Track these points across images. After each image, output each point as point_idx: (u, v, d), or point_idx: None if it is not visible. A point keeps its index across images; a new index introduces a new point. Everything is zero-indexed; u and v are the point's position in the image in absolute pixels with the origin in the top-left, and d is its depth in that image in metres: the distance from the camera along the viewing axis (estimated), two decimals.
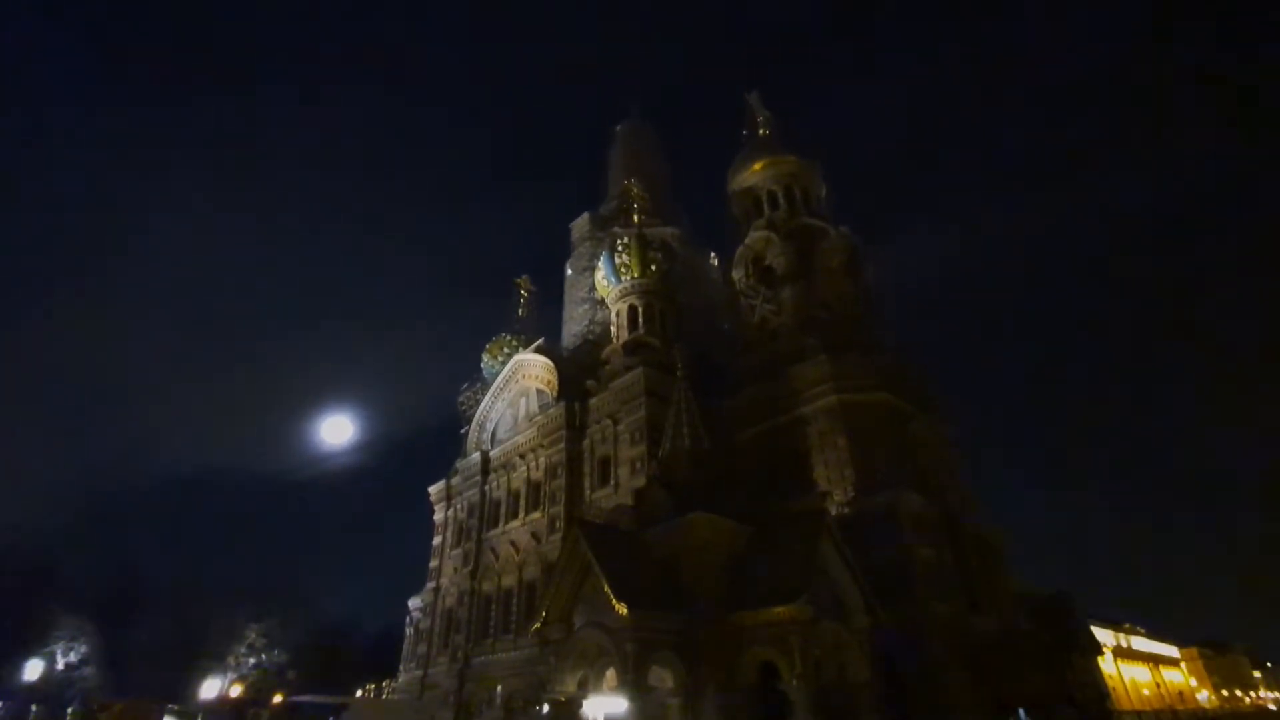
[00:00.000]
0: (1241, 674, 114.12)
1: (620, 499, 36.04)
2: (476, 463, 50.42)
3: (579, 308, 60.45)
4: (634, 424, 38.82)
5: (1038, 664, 27.32)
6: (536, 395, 48.96)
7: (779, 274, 42.65)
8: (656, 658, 23.44)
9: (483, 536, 46.94)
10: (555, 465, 42.66)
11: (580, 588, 26.04)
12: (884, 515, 29.64)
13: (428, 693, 43.73)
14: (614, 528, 29.98)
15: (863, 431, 33.12)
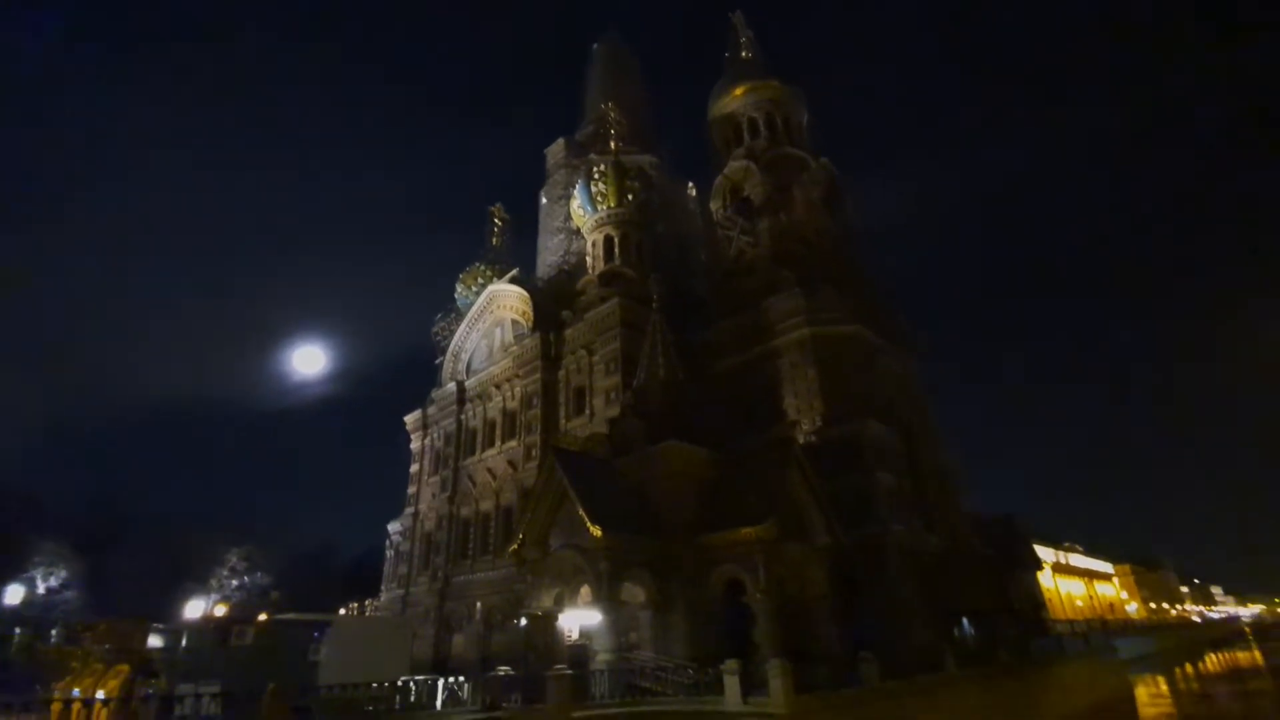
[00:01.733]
0: (1169, 589, 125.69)
1: (595, 428, 36.65)
2: (452, 393, 50.54)
3: (554, 237, 59.30)
4: (609, 355, 39.02)
5: (982, 578, 29.35)
6: (512, 326, 48.70)
7: (757, 205, 42.11)
8: (629, 575, 24.56)
9: (460, 464, 47.67)
10: (531, 395, 42.98)
11: (556, 512, 26.85)
12: (849, 444, 30.71)
13: (409, 610, 45.43)
14: (589, 455, 30.62)
15: (833, 363, 33.77)
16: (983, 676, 24.81)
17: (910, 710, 20.47)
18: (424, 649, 39.71)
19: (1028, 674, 27.79)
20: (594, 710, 17.79)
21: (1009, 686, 25.92)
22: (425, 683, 19.58)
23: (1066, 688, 29.98)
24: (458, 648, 40.23)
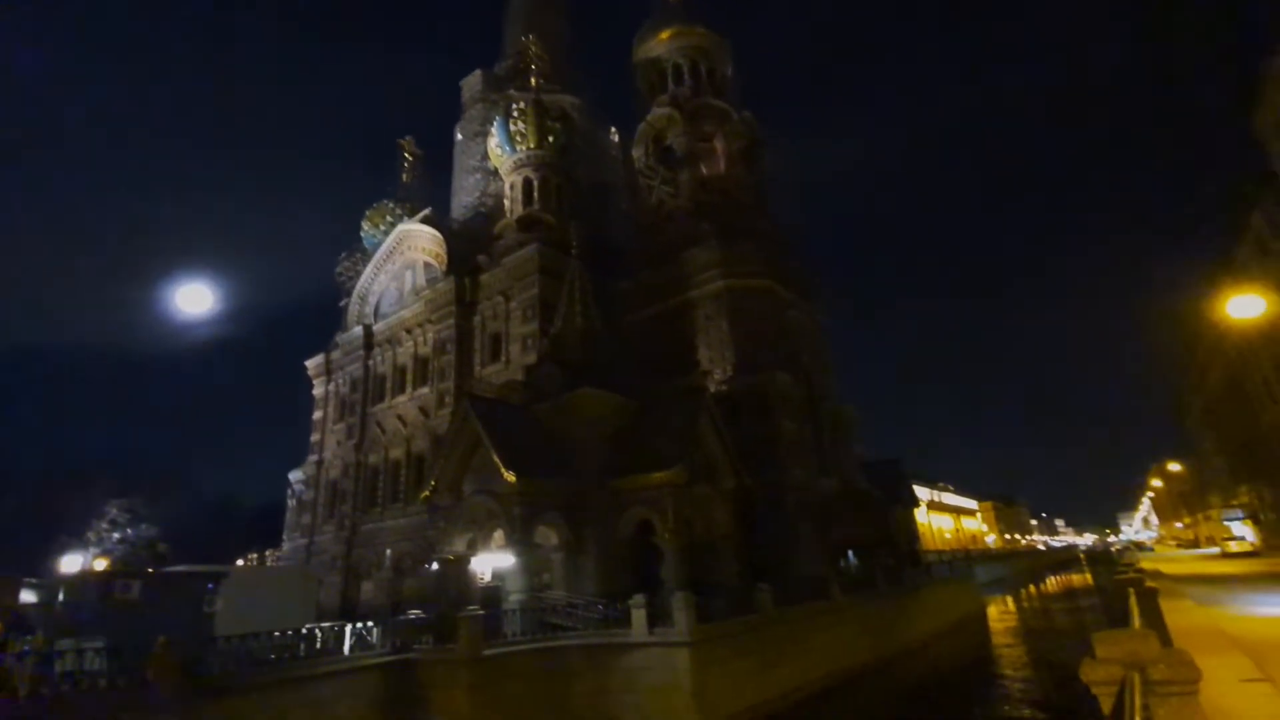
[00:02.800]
0: (1021, 522, 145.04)
1: (511, 375, 36.40)
2: (359, 337, 48.38)
3: (470, 177, 56.73)
4: (527, 301, 38.49)
5: (867, 515, 32.28)
6: (424, 268, 46.77)
7: (679, 155, 41.99)
8: (543, 519, 25.12)
9: (368, 411, 46.17)
10: (444, 341, 41.88)
11: (470, 458, 26.81)
12: (758, 393, 32.26)
13: (314, 559, 44.39)
14: (504, 402, 30.53)
15: (745, 316, 34.98)
16: (863, 602, 27.59)
17: (798, 632, 22.55)
18: (331, 597, 39.14)
19: (901, 598, 31.14)
20: (505, 647, 18.40)
21: (884, 609, 29.00)
22: (332, 629, 19.49)
23: (932, 609, 33.90)
24: (367, 594, 39.93)
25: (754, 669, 19.80)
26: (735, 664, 19.12)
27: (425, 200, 53.77)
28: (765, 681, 19.92)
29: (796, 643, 22.26)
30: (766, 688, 19.80)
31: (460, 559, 26.17)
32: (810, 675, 21.85)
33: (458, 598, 23.81)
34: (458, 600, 23.18)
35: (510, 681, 17.46)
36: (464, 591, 24.98)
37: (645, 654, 18.24)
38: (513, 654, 18.18)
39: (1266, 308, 23.29)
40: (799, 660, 21.90)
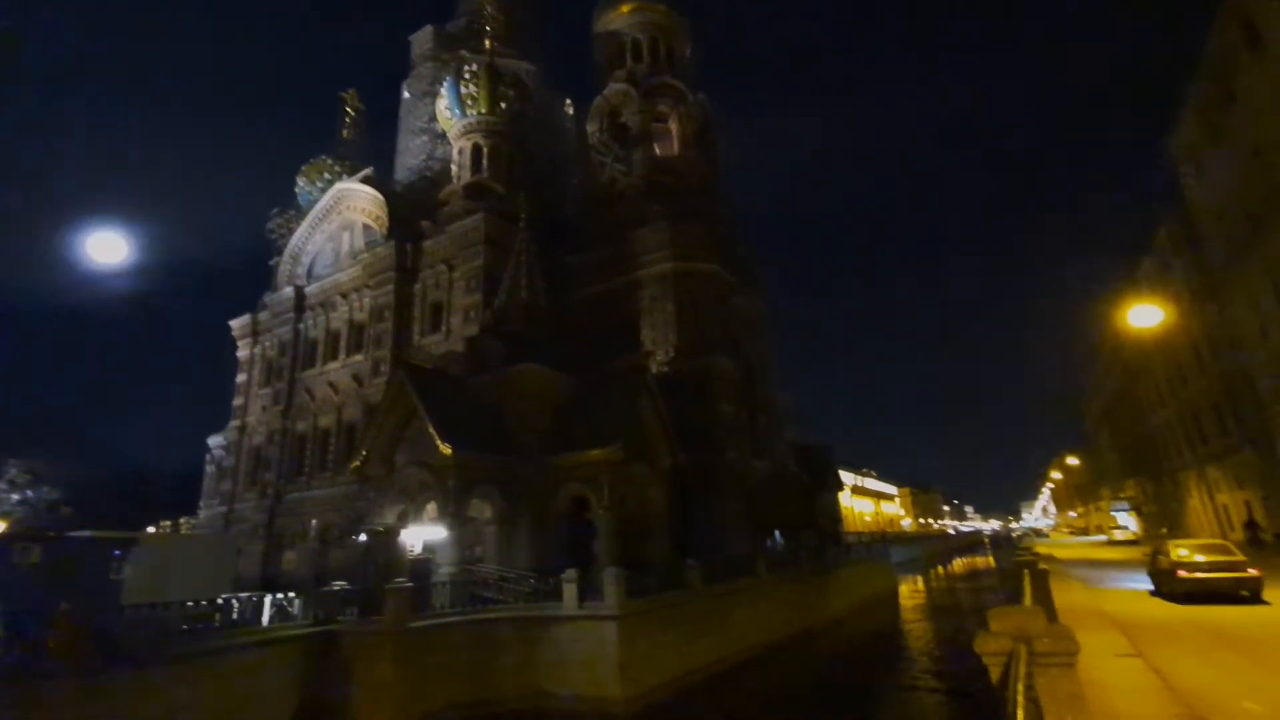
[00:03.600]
0: (935, 507, 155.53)
1: (451, 346, 35.65)
2: (290, 298, 46.12)
3: (416, 138, 54.50)
4: (471, 271, 37.60)
5: (795, 498, 33.64)
6: (363, 231, 44.89)
7: (633, 133, 41.69)
8: (477, 492, 24.93)
9: (297, 376, 44.28)
10: (382, 308, 40.49)
11: (404, 429, 26.23)
12: (698, 376, 32.81)
13: (233, 528, 42.59)
14: (443, 373, 29.92)
15: (690, 299, 35.37)
16: (787, 580, 28.82)
17: (724, 607, 23.41)
18: (251, 567, 37.71)
19: (822, 577, 32.69)
20: (433, 619, 18.30)
21: (805, 587, 30.40)
22: (250, 599, 18.86)
23: (850, 587, 35.77)
24: (289, 565, 38.68)
25: (680, 642, 20.44)
26: (662, 637, 19.68)
27: (367, 159, 51.43)
28: (690, 654, 20.61)
29: (722, 617, 23.10)
30: (691, 660, 20.49)
31: (390, 530, 25.69)
32: (733, 648, 22.74)
33: (386, 570, 23.39)
34: (386, 572, 22.77)
35: (437, 654, 17.41)
36: (393, 564, 24.56)
37: (575, 627, 18.54)
38: (441, 626, 18.09)
39: (1163, 318, 25.35)
40: (723, 634, 22.73)
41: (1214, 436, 36.41)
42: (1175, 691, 6.94)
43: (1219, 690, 7.27)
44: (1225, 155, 27.07)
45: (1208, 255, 31.79)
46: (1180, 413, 41.43)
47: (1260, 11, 21.94)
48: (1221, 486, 37.36)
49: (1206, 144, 29.05)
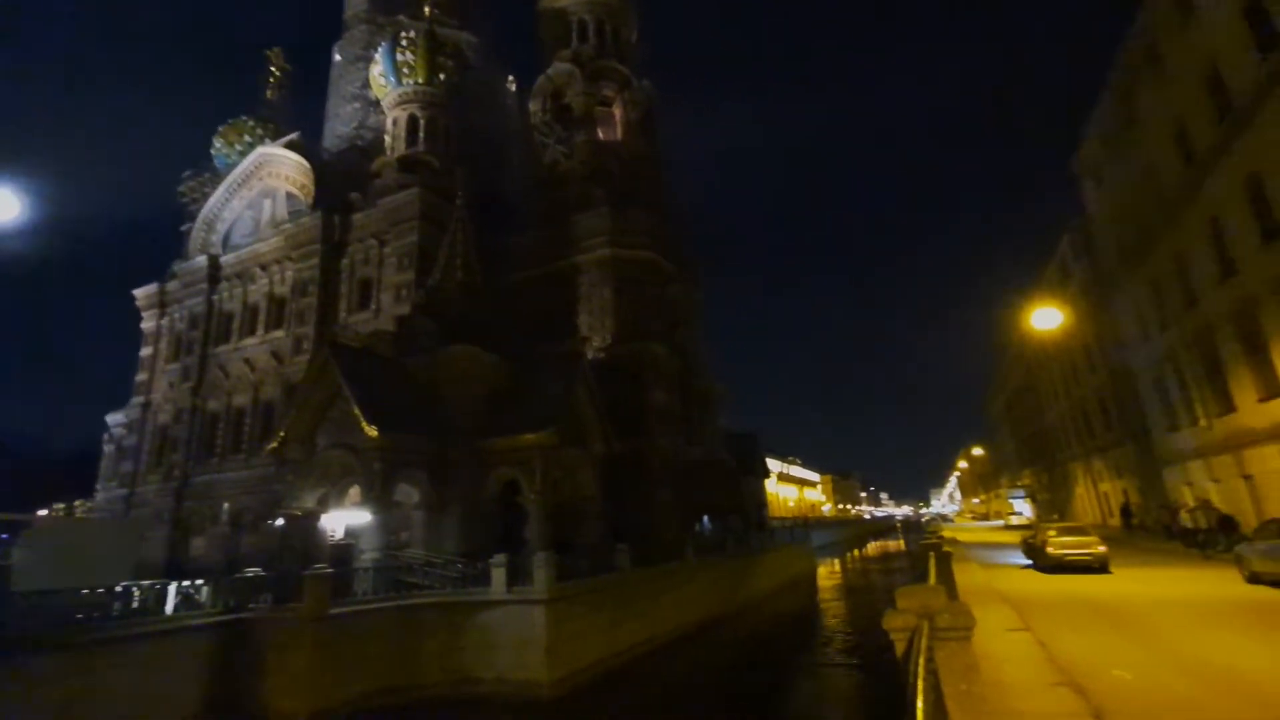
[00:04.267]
0: (853, 494, 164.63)
1: (380, 324, 34.38)
2: (203, 268, 43.17)
3: (348, 105, 51.83)
4: (404, 248, 36.28)
5: (724, 484, 34.60)
6: (286, 199, 42.46)
7: (577, 115, 41.12)
8: (404, 476, 24.31)
9: (209, 351, 41.61)
10: (306, 282, 38.53)
11: (328, 410, 25.20)
12: (634, 363, 33.02)
13: (135, 511, 39.82)
14: (370, 352, 28.86)
15: (628, 286, 35.46)
16: (713, 563, 29.71)
17: (652, 590, 23.91)
18: (155, 553, 35.40)
19: (747, 560, 33.87)
20: (354, 606, 17.82)
21: (731, 570, 31.43)
22: (153, 587, 17.77)
23: (772, 569, 37.24)
24: (198, 551, 36.56)
25: (608, 624, 20.75)
26: (590, 620, 19.92)
27: (292, 123, 48.57)
28: (617, 635, 20.96)
29: (650, 600, 23.59)
30: (618, 641, 20.85)
31: (309, 515, 24.70)
32: (660, 629, 23.29)
33: (304, 556, 22.52)
34: (304, 558, 21.93)
35: (358, 641, 17.00)
36: (312, 549, 23.65)
37: (502, 611, 18.50)
38: (362, 613, 17.65)
39: (1061, 321, 27.35)
40: (651, 615, 23.24)
41: (1100, 431, 39.91)
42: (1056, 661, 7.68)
43: (1093, 659, 8.10)
44: (1123, 171, 29.46)
45: (1103, 263, 34.61)
46: (1072, 408, 45.13)
47: (1163, 39, 23.91)
48: (1104, 476, 41.08)
49: (1107, 161, 31.51)
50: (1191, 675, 7.31)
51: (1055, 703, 6.13)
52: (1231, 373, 22.25)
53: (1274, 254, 18.68)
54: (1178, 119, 23.43)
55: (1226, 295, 21.72)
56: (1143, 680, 7.16)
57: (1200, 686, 6.84)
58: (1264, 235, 19.12)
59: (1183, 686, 6.88)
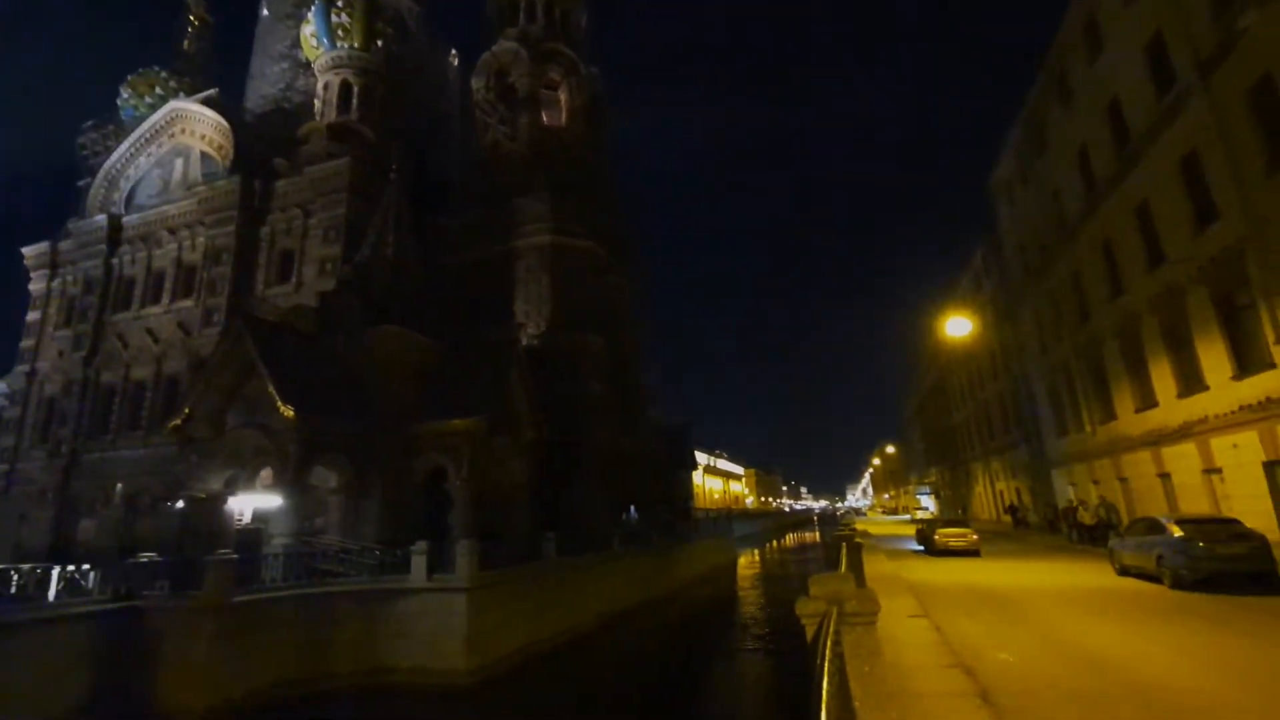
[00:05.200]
0: (775, 487, 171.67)
1: (302, 299, 32.71)
2: (102, 228, 39.70)
3: (275, 64, 48.72)
4: (331, 220, 34.57)
5: (653, 475, 35.10)
6: (201, 160, 39.56)
7: (521, 96, 40.30)
8: (323, 459, 23.31)
9: (106, 319, 38.39)
10: (220, 249, 36.10)
11: (240, 387, 23.82)
12: (569, 352, 32.88)
13: (15, 489, 36.34)
14: (290, 328, 27.42)
15: (566, 274, 35.20)
16: (639, 552, 30.11)
17: (577, 579, 24.01)
18: (37, 535, 32.58)
19: (671, 550, 34.52)
20: (261, 594, 16.99)
21: (656, 559, 31.96)
22: (33, 571, 16.34)
23: (695, 559, 38.12)
24: (87, 534, 33.75)
25: (531, 612, 20.69)
26: (513, 608, 19.80)
27: (211, 79, 45.22)
28: (541, 623, 20.94)
29: (575, 588, 23.67)
30: (541, 629, 20.84)
31: (213, 498, 23.31)
32: (584, 616, 23.43)
33: (207, 540, 21.22)
34: (207, 543, 20.67)
35: (265, 630, 16.22)
36: (216, 534, 22.33)
37: (422, 599, 18.11)
38: (270, 601, 16.85)
39: (971, 329, 29.02)
40: (575, 603, 23.33)
41: (999, 433, 42.98)
42: (950, 645, 8.29)
43: (982, 643, 8.79)
44: (1032, 193, 31.69)
45: (1010, 277, 37.17)
46: (976, 412, 48.35)
47: (1072, 70, 25.81)
48: (1000, 476, 44.30)
49: (1018, 183, 33.79)
50: (1065, 657, 8.06)
51: (947, 683, 6.62)
52: (1114, 384, 24.46)
53: (1156, 278, 20.63)
54: (1082, 147, 25.40)
55: (1113, 313, 23.82)
56: (1023, 662, 7.84)
57: (1071, 667, 7.57)
58: (1149, 259, 21.07)
59: (1057, 667, 7.58)
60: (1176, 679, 6.95)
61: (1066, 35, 25.70)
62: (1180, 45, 18.14)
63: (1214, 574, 12.33)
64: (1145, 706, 6.06)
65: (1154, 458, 21.63)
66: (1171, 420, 20.33)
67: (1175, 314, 19.74)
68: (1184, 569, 12.80)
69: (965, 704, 5.89)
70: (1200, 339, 18.64)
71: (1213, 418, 18.09)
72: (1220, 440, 17.93)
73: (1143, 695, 6.41)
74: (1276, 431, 15.66)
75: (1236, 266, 16.64)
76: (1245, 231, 16.13)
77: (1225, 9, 16.16)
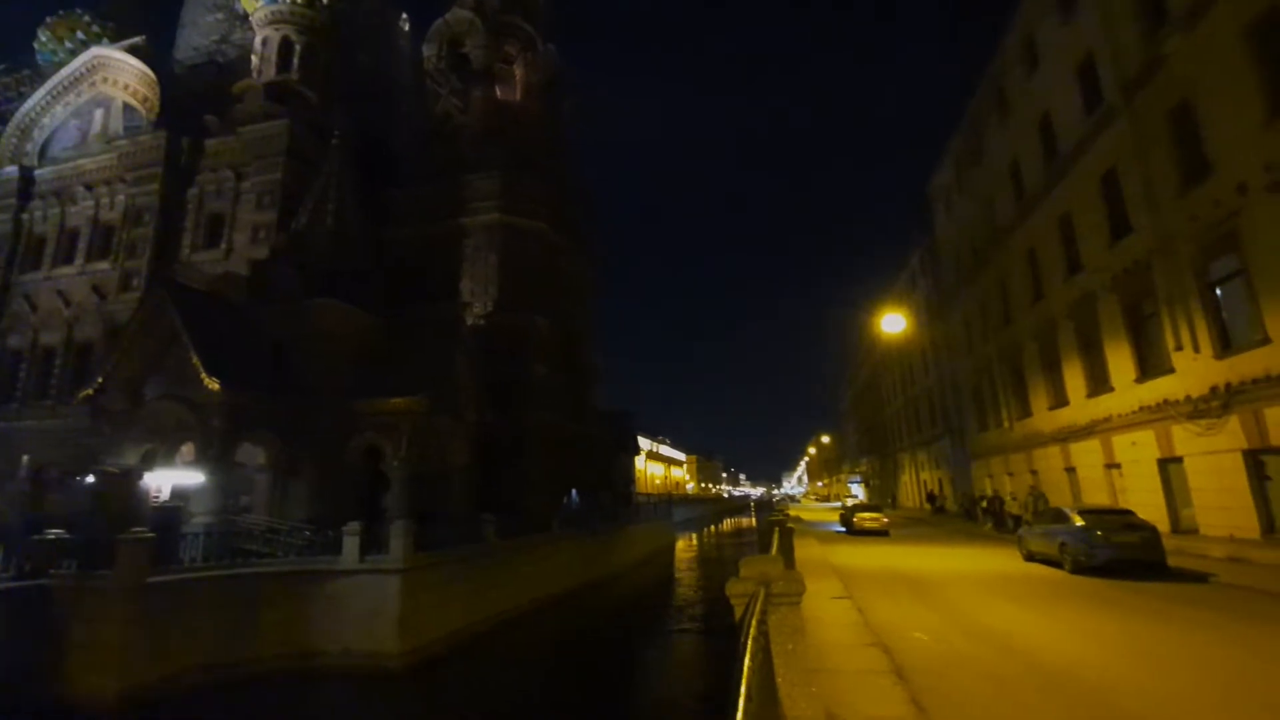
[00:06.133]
0: (715, 474, 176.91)
1: (232, 267, 31.05)
2: (12, 179, 36.54)
3: (209, 14, 45.55)
4: (266, 185, 32.78)
5: (596, 459, 35.20)
6: (124, 111, 36.81)
7: (475, 67, 39.13)
8: (251, 435, 22.39)
9: (13, 279, 35.46)
10: (142, 209, 33.77)
11: (162, 358, 22.53)
12: (516, 334, 32.47)
13: None
14: (218, 296, 26.05)
15: (516, 254, 34.64)
16: (579, 535, 30.23)
17: (516, 561, 23.93)
18: None
19: (611, 534, 34.81)
20: (180, 574, 16.24)
21: (596, 542, 32.17)
22: None
23: (634, 543, 38.57)
24: None
25: (468, 594, 20.54)
26: (449, 590, 19.62)
27: (138, 25, 41.82)
28: (476, 605, 20.82)
29: (513, 570, 23.61)
30: (476, 611, 20.72)
31: (129, 473, 22.02)
32: (521, 599, 23.42)
33: (121, 517, 20.05)
34: (121, 520, 19.53)
35: (182, 613, 15.53)
36: (130, 511, 21.11)
37: (353, 581, 17.71)
38: (189, 582, 16.13)
39: (906, 326, 30.10)
40: (513, 586, 23.29)
41: (926, 427, 45.18)
42: (870, 625, 8.76)
43: (900, 624, 9.32)
44: (968, 201, 33.19)
45: (943, 280, 38.92)
46: (906, 405, 50.63)
47: (1010, 85, 27.05)
48: (925, 467, 46.64)
49: (956, 190, 35.32)
50: (973, 637, 8.65)
51: (865, 661, 7.02)
52: (1031, 384, 26.08)
53: (1073, 285, 22.05)
54: (1015, 159, 26.76)
55: (1034, 317, 25.34)
56: (935, 641, 8.37)
57: (979, 645, 8.14)
58: (1069, 268, 22.48)
59: (966, 646, 8.14)
60: (1071, 654, 7.59)
61: (1007, 51, 26.90)
62: (1109, 66, 19.30)
63: (1109, 561, 13.43)
64: (1044, 679, 6.60)
65: (1063, 452, 23.25)
66: (1080, 418, 21.87)
67: (1088, 320, 21.17)
68: (1083, 555, 13.89)
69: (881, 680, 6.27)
70: (1109, 344, 20.08)
71: (1116, 417, 19.56)
72: (1121, 438, 19.43)
73: (1041, 669, 6.97)
74: (1171, 431, 17.10)
75: (1145, 278, 17.97)
76: (1154, 245, 17.42)
77: (1153, 33, 17.27)
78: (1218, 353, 15.40)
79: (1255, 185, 13.69)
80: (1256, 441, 14.14)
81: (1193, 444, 16.20)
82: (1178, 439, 16.80)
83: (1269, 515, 14.18)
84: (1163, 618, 9.56)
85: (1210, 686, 6.25)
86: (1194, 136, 15.84)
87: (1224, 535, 15.18)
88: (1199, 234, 15.64)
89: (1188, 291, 16.27)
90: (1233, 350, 14.96)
